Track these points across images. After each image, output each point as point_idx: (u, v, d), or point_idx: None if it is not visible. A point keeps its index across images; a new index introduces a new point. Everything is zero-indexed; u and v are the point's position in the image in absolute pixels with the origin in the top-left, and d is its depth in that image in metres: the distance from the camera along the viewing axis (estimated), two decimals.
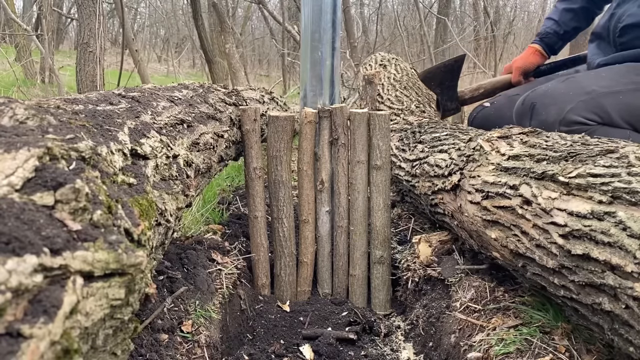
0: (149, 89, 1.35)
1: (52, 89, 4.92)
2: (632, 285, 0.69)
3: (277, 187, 1.73)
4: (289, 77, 8.39)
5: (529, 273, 0.99)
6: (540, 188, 0.96)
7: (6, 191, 0.50)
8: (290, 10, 9.23)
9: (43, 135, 0.63)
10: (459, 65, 2.32)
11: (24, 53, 6.34)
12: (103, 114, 0.92)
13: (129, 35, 5.00)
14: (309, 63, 1.80)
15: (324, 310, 1.68)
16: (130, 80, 4.28)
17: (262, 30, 16.16)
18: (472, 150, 1.33)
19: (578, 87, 1.46)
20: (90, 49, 3.09)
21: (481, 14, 8.11)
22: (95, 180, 0.65)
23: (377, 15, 10.65)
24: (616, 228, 0.74)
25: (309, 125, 1.71)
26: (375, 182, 1.70)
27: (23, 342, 0.41)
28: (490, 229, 1.12)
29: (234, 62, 5.05)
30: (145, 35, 17.71)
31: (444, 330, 1.29)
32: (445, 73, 2.30)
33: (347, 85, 4.84)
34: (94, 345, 0.55)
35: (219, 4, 5.07)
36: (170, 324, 1.13)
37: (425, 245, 1.56)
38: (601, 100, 1.41)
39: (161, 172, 0.99)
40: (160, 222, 0.90)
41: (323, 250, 1.80)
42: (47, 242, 0.48)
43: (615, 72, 1.50)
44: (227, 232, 1.91)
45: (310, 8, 1.76)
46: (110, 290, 0.57)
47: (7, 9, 4.41)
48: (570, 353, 0.95)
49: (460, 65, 2.33)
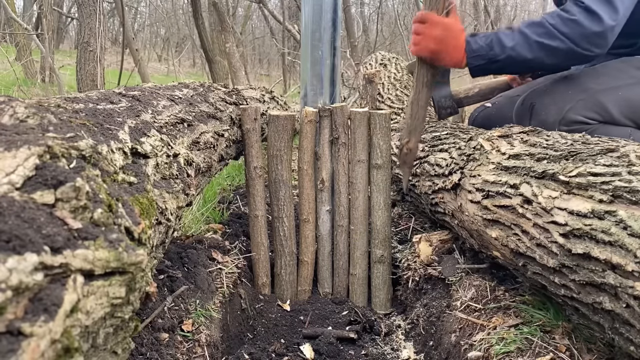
0: (149, 88, 1.35)
1: (52, 88, 4.92)
2: (633, 284, 0.69)
3: (277, 186, 1.73)
4: (290, 76, 8.39)
5: (529, 272, 0.99)
6: (540, 187, 0.96)
7: (7, 189, 0.50)
8: (290, 9, 9.23)
9: (43, 134, 0.63)
10: None
11: (24, 52, 6.34)
12: (103, 113, 0.92)
13: (129, 34, 5.00)
14: (310, 62, 1.80)
15: (324, 309, 1.68)
16: (130, 80, 4.28)
17: (262, 30, 16.16)
18: (473, 150, 1.33)
19: (576, 85, 1.46)
20: (90, 48, 3.09)
21: (481, 13, 8.10)
22: (95, 179, 0.65)
23: (377, 14, 10.65)
24: (617, 227, 0.74)
25: (309, 124, 1.71)
26: (376, 181, 1.70)
27: (23, 341, 0.41)
28: (491, 228, 1.12)
29: (235, 62, 5.05)
30: (145, 35, 17.71)
31: (444, 329, 1.29)
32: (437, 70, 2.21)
33: (347, 84, 4.84)
34: (94, 344, 0.55)
35: (220, 3, 5.07)
36: (171, 323, 1.13)
37: (425, 244, 1.56)
38: (600, 98, 1.41)
39: (161, 171, 0.99)
40: (161, 221, 0.90)
41: (323, 250, 1.80)
42: (48, 241, 0.48)
43: (612, 68, 1.50)
44: (228, 231, 1.91)
45: (311, 7, 1.76)
46: (111, 288, 0.57)
47: (7, 8, 4.41)
48: (570, 352, 0.95)
49: None
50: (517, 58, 1.43)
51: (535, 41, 1.41)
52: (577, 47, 1.39)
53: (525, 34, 1.42)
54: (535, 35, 1.41)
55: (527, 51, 1.42)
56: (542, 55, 1.41)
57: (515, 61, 1.44)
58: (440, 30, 1.42)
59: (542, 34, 1.41)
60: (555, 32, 1.39)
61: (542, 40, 1.40)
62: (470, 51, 1.45)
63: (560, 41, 1.39)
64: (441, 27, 1.42)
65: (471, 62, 1.45)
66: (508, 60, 1.43)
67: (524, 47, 1.42)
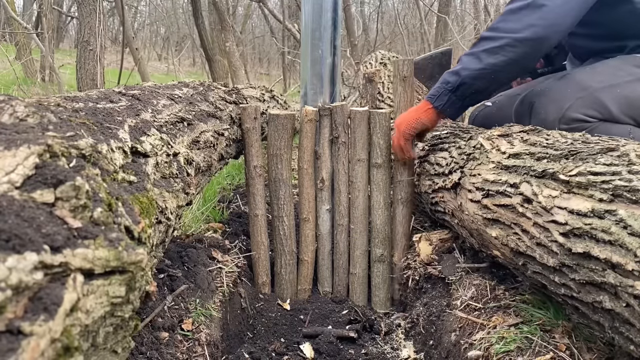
0: (149, 87, 1.35)
1: (52, 88, 4.92)
2: (633, 283, 0.69)
3: (277, 186, 1.73)
4: (290, 75, 8.39)
5: (529, 271, 0.99)
6: (540, 186, 0.96)
7: (6, 188, 0.50)
8: (290, 8, 9.22)
9: (43, 133, 0.63)
10: (447, 59, 2.17)
11: (24, 51, 6.34)
12: (103, 112, 0.92)
13: (129, 33, 5.00)
14: (310, 61, 1.80)
15: (324, 308, 1.69)
16: (130, 79, 4.28)
17: (262, 29, 16.16)
18: (473, 149, 1.33)
19: (575, 84, 1.46)
20: (90, 47, 3.09)
21: (482, 12, 8.10)
22: (95, 178, 0.64)
23: (377, 13, 10.65)
24: (617, 226, 0.74)
25: (309, 123, 1.71)
26: (376, 181, 1.70)
27: (23, 340, 0.41)
28: (491, 228, 1.12)
29: (234, 61, 5.05)
30: (145, 34, 17.71)
31: (444, 328, 1.29)
32: (434, 66, 2.15)
33: (347, 83, 4.84)
34: (94, 343, 0.55)
35: (219, 2, 5.07)
36: (171, 322, 1.13)
37: (425, 243, 1.56)
38: (599, 95, 1.41)
39: (161, 170, 0.99)
40: (161, 220, 0.90)
41: (323, 249, 1.80)
42: (48, 240, 0.48)
43: (610, 65, 1.50)
44: (228, 231, 1.91)
45: (311, 6, 1.76)
46: (111, 288, 0.57)
47: (7, 8, 4.40)
48: (570, 351, 0.95)
49: (449, 60, 2.18)
50: (472, 75, 1.44)
51: (480, 51, 1.42)
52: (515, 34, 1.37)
53: (468, 53, 1.45)
54: (476, 48, 1.44)
55: (477, 63, 1.42)
56: (493, 60, 1.41)
57: (475, 78, 1.44)
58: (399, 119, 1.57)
59: (481, 43, 1.43)
60: (491, 34, 1.41)
61: (483, 47, 1.42)
62: (431, 97, 1.50)
63: (497, 38, 1.39)
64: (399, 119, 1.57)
65: (437, 105, 1.49)
66: (467, 80, 1.44)
67: (472, 62, 1.43)
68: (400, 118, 1.57)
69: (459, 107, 1.50)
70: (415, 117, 1.52)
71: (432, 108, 1.49)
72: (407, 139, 1.55)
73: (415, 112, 1.53)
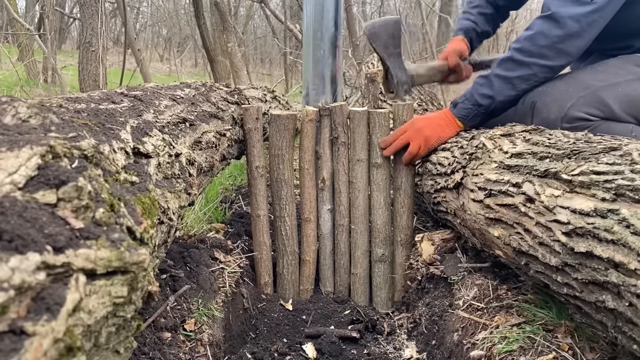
0: (151, 88, 1.35)
1: (54, 89, 4.93)
2: (636, 282, 0.69)
3: (279, 186, 1.73)
4: (291, 75, 8.39)
5: (531, 271, 0.99)
6: (543, 186, 0.96)
7: (9, 189, 0.50)
8: (292, 9, 9.23)
9: (46, 134, 0.63)
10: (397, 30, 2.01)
11: (26, 53, 6.36)
12: (105, 113, 0.92)
13: (131, 34, 5.01)
14: (311, 62, 1.80)
15: (326, 308, 1.68)
16: (132, 80, 4.29)
17: (264, 29, 16.17)
18: (475, 148, 1.33)
19: (577, 83, 1.46)
20: (92, 49, 3.10)
21: None
22: (97, 179, 0.65)
23: (379, 13, 10.64)
24: (619, 225, 0.74)
25: (309, 123, 1.71)
26: (376, 181, 1.70)
27: (26, 340, 0.41)
28: (493, 227, 1.12)
29: (236, 61, 5.05)
30: (147, 35, 17.74)
31: (446, 328, 1.29)
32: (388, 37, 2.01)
33: (349, 83, 4.84)
34: (96, 343, 0.56)
35: (221, 3, 5.07)
36: (173, 323, 1.14)
37: (427, 243, 1.56)
38: (601, 94, 1.41)
39: (163, 171, 0.99)
40: (163, 221, 0.90)
41: (325, 249, 1.80)
42: (50, 240, 0.49)
43: (611, 65, 1.50)
44: (230, 231, 1.91)
45: (313, 7, 1.76)
46: (113, 288, 0.57)
47: (9, 9, 4.42)
48: (573, 351, 0.95)
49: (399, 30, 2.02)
50: (506, 100, 1.50)
51: (515, 77, 1.46)
52: (549, 61, 1.43)
53: (500, 76, 1.48)
54: (509, 72, 1.47)
55: (511, 89, 1.48)
56: (525, 85, 1.47)
57: (509, 103, 1.52)
58: (422, 124, 1.57)
59: (513, 67, 1.46)
60: (523, 59, 1.44)
61: (517, 74, 1.46)
62: (463, 118, 1.54)
63: (531, 64, 1.44)
64: (421, 123, 1.57)
65: (470, 124, 1.55)
66: (500, 105, 1.51)
67: (506, 88, 1.48)
68: (429, 130, 1.57)
69: (484, 122, 1.57)
70: (448, 134, 1.56)
71: (462, 125, 1.55)
72: (430, 150, 1.59)
73: (448, 128, 1.56)
